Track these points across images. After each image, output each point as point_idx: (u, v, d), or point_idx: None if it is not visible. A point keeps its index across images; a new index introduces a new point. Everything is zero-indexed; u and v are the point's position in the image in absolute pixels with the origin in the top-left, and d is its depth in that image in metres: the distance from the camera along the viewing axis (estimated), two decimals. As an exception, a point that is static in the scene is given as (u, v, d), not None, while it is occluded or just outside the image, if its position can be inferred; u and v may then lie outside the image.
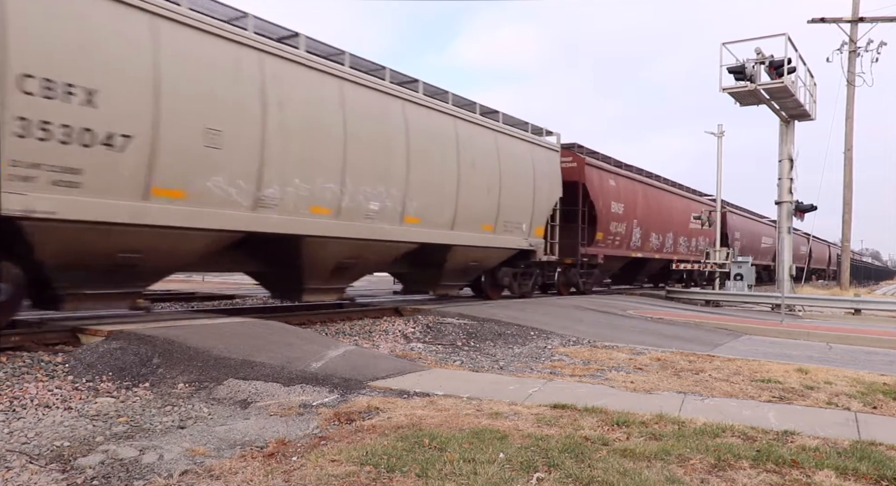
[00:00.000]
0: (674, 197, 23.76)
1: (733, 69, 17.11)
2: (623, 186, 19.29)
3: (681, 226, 23.94)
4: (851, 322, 15.56)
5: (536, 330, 10.27)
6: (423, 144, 11.10)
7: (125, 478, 3.51)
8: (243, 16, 8.28)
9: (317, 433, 4.37)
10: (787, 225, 19.54)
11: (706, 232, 24.76)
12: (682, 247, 24.29)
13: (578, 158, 17.16)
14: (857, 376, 7.07)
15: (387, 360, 7.10)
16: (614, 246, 18.87)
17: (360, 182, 9.80)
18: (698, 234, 25.34)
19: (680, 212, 23.87)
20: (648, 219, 20.87)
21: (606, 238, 18.22)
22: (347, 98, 9.59)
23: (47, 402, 4.98)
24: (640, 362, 7.79)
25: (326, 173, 9.26)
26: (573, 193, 16.71)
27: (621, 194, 18.98)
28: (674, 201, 23.55)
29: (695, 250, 25.24)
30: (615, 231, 18.66)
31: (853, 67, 24.57)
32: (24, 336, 6.67)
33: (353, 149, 9.63)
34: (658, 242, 21.95)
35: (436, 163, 11.47)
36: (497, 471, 3.51)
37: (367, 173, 9.93)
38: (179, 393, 5.46)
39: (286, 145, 8.59)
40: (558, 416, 4.80)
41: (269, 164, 8.35)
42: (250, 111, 8.09)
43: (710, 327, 12.68)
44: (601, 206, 17.62)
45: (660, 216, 21.88)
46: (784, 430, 4.60)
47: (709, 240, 25.20)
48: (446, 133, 11.80)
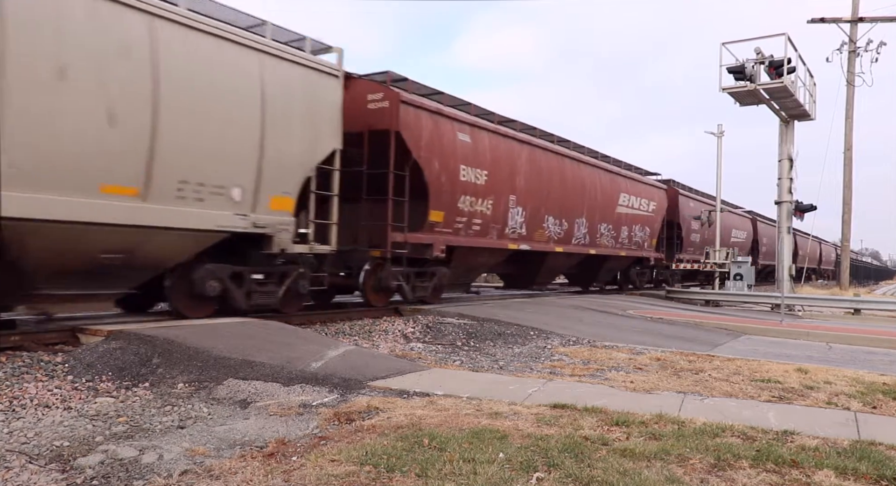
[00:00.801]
0: (594, 171, 17.56)
1: (733, 69, 17.11)
2: (489, 145, 12.98)
3: (604, 210, 17.96)
4: (851, 322, 15.56)
5: (536, 330, 10.27)
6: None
7: (125, 478, 3.51)
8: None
9: (316, 433, 4.37)
10: (786, 225, 19.53)
11: (645, 219, 20.44)
12: (607, 238, 18.41)
13: (391, 95, 10.76)
14: (856, 376, 7.07)
15: (386, 360, 7.10)
16: (470, 233, 12.62)
17: None
18: (634, 221, 19.82)
19: (604, 191, 17.89)
20: (541, 196, 14.77)
21: (452, 220, 12.02)
22: None
23: (47, 402, 4.98)
24: (640, 362, 7.79)
25: None
26: (384, 149, 10.64)
27: (484, 157, 12.77)
28: (594, 177, 17.47)
29: (628, 243, 19.69)
30: (470, 210, 12.43)
31: (853, 67, 24.57)
32: (24, 336, 6.66)
33: None
34: (560, 229, 15.91)
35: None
36: (497, 471, 3.51)
37: None
38: (179, 393, 5.45)
39: None
40: (558, 416, 4.80)
41: None
42: None
43: (710, 327, 12.68)
44: (436, 170, 11.44)
45: (564, 194, 15.85)
46: (784, 430, 4.60)
47: (649, 231, 20.88)
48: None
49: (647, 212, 20.74)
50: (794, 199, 19.50)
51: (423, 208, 11.43)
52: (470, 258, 13.22)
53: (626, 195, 19.29)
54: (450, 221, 12.03)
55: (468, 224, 12.56)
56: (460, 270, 13.19)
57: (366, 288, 11.04)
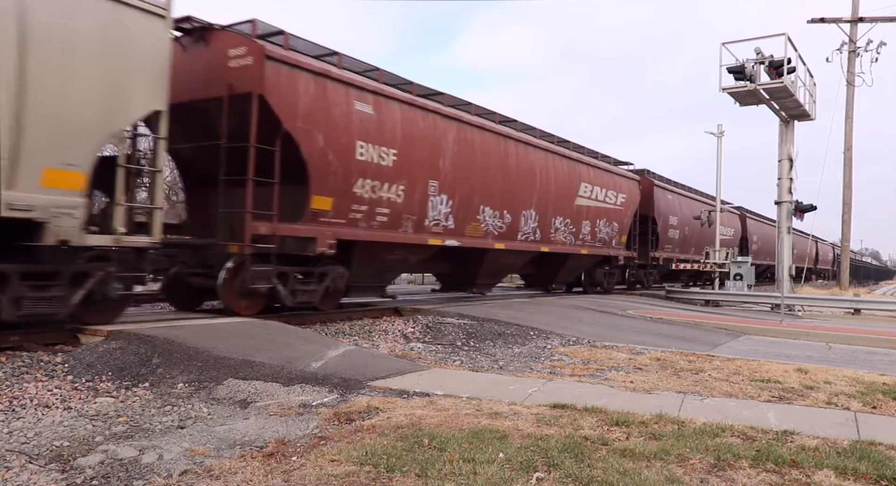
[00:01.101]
0: (547, 157, 15.06)
1: (733, 69, 17.11)
2: (401, 119, 10.65)
3: (560, 201, 15.56)
4: (851, 322, 15.56)
5: (536, 330, 10.27)
6: None
7: (125, 478, 3.51)
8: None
9: (316, 433, 4.37)
10: (786, 225, 19.53)
11: (612, 213, 18.23)
12: (564, 234, 15.98)
13: (255, 49, 8.59)
14: (856, 376, 7.07)
15: (386, 360, 7.10)
16: (374, 225, 10.31)
17: None
18: (599, 215, 17.49)
19: (559, 180, 15.49)
20: (474, 183, 12.50)
21: (345, 209, 9.74)
22: None
23: (47, 402, 4.98)
24: (640, 362, 7.79)
25: None
26: (247, 117, 8.48)
27: (393, 133, 10.43)
28: (547, 163, 15.01)
29: (591, 240, 17.43)
30: (373, 197, 10.17)
31: (853, 67, 24.57)
32: (24, 336, 6.66)
33: None
34: (502, 223, 13.53)
35: None
36: (497, 471, 3.51)
37: None
38: (179, 393, 5.45)
39: None
40: (558, 416, 4.80)
41: None
42: None
43: (710, 327, 12.68)
44: (319, 146, 9.17)
45: (507, 182, 13.47)
46: (783, 430, 4.60)
47: (617, 227, 18.68)
48: None
49: (614, 205, 18.36)
50: (794, 199, 19.51)
51: (302, 194, 9.12)
52: (378, 256, 10.78)
53: (589, 186, 16.93)
54: (342, 209, 9.65)
55: (370, 214, 10.18)
56: (367, 270, 10.75)
57: (226, 292, 8.55)
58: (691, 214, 24.36)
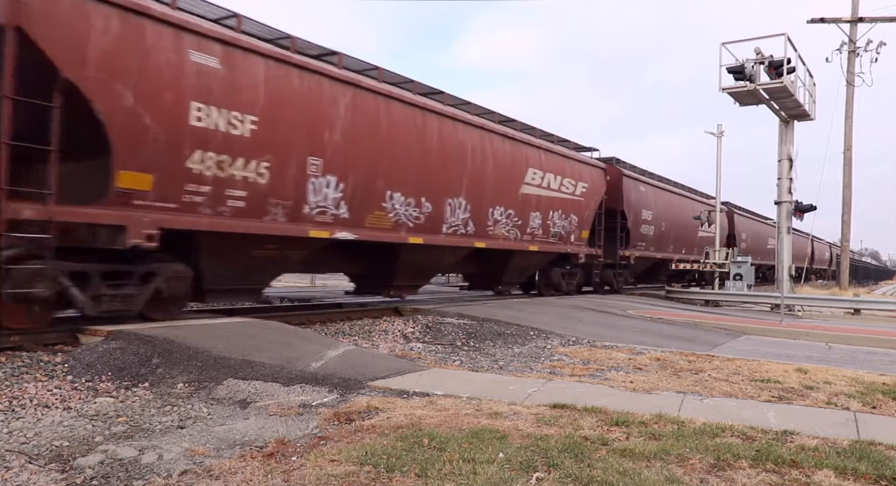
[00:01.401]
0: (484, 136, 12.61)
1: (733, 69, 17.11)
2: (264, 78, 8.36)
3: (500, 188, 13.12)
4: (851, 322, 15.56)
5: (536, 330, 10.27)
6: None
7: (124, 478, 3.51)
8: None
9: (316, 433, 4.37)
10: (786, 225, 19.54)
11: (571, 204, 15.76)
12: (506, 227, 13.48)
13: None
14: (856, 376, 7.07)
15: (386, 360, 7.11)
16: (224, 212, 8.00)
17: None
18: (553, 206, 15.05)
19: (500, 164, 13.05)
20: (376, 163, 10.10)
21: (175, 189, 7.51)
22: None
23: (46, 402, 4.98)
24: (640, 362, 7.79)
25: None
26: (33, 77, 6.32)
27: (251, 94, 8.19)
28: (483, 143, 12.57)
29: (543, 235, 14.84)
30: (219, 175, 7.86)
31: (852, 67, 24.58)
32: (24, 336, 6.66)
33: None
34: (418, 212, 11.09)
35: None
36: (496, 471, 3.51)
37: None
38: (179, 393, 5.45)
39: None
40: (558, 416, 4.80)
41: None
42: None
43: (710, 327, 12.68)
44: (127, 103, 6.98)
45: (426, 163, 11.14)
46: (783, 430, 4.60)
47: (577, 220, 16.12)
48: None
49: (572, 195, 15.86)
50: (793, 199, 19.51)
51: (105, 168, 6.95)
52: (239, 251, 8.57)
53: (539, 172, 14.30)
54: (171, 190, 7.42)
55: (217, 197, 7.86)
56: (225, 269, 8.56)
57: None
58: (669, 208, 22.27)
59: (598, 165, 17.64)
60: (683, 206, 24.01)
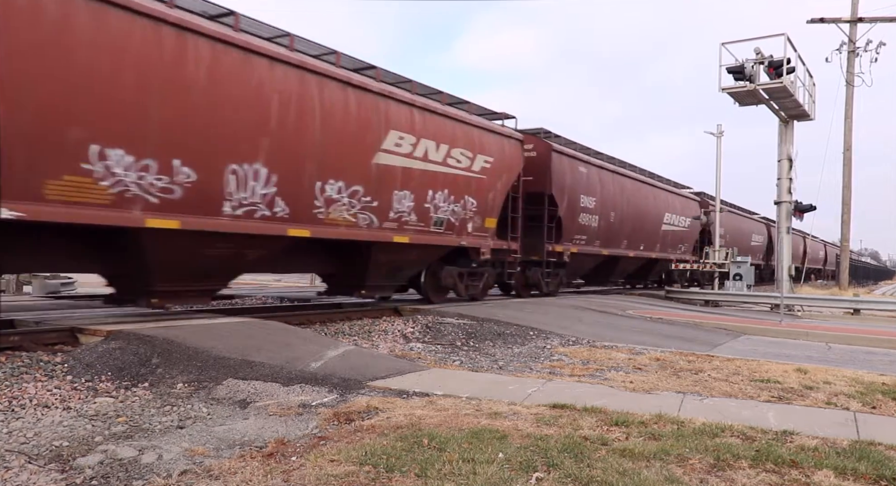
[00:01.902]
0: (310, 82, 8.96)
1: (732, 69, 17.11)
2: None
3: (339, 156, 9.49)
4: (850, 322, 15.57)
5: (536, 330, 10.27)
6: None
7: (124, 478, 3.51)
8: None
9: (316, 433, 4.37)
10: (786, 225, 19.54)
11: (465, 183, 12.01)
12: (349, 208, 9.70)
13: None
14: (856, 376, 7.07)
15: (386, 360, 7.11)
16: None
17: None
18: (433, 184, 11.31)
19: (339, 123, 9.42)
20: (69, 102, 6.48)
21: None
22: None
23: (46, 402, 4.98)
24: (640, 362, 7.79)
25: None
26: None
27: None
28: (306, 93, 8.93)
29: (417, 221, 11.06)
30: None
31: (852, 68, 24.58)
32: (23, 336, 6.66)
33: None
34: (164, 182, 7.31)
35: None
36: (496, 471, 3.51)
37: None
38: (178, 393, 5.45)
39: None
40: (557, 416, 4.80)
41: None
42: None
43: (710, 327, 12.69)
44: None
45: (180, 111, 7.46)
46: (783, 430, 4.61)
47: (476, 204, 12.34)
48: None
49: (468, 171, 12.11)
50: (793, 199, 19.52)
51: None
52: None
53: (408, 137, 10.59)
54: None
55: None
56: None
57: None
58: (622, 196, 18.67)
59: (513, 135, 13.66)
60: (643, 194, 20.28)
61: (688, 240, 24.37)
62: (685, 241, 24.11)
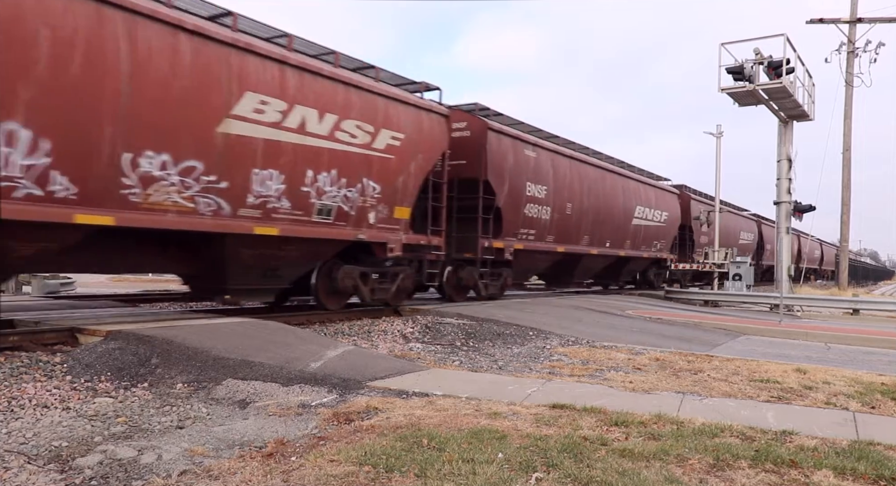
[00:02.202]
0: (105, 16, 6.61)
1: (732, 70, 17.12)
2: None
3: (159, 119, 7.20)
4: (850, 322, 15.57)
5: (535, 330, 10.27)
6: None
7: (123, 478, 3.51)
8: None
9: (315, 433, 4.37)
10: (785, 225, 19.55)
11: (364, 163, 9.87)
12: (178, 190, 7.45)
13: None
14: (855, 376, 7.07)
15: (385, 360, 7.10)
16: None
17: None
18: (316, 162, 9.13)
19: (163, 77, 7.20)
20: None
21: None
22: None
23: (45, 402, 4.97)
24: (639, 363, 7.79)
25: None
26: None
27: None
28: (99, 30, 6.58)
29: (286, 208, 8.80)
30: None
31: (851, 68, 24.60)
32: (23, 336, 6.66)
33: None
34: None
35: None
36: (496, 471, 3.51)
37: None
38: (178, 393, 5.45)
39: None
40: (557, 416, 4.80)
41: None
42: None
43: (709, 328, 12.69)
44: None
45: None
46: (782, 430, 4.61)
47: (381, 190, 10.26)
48: None
49: (367, 148, 9.98)
50: (793, 199, 19.53)
51: None
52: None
53: (277, 102, 8.47)
54: None
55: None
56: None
57: None
58: (582, 186, 16.33)
59: (434, 108, 11.46)
60: (609, 184, 17.81)
61: (665, 236, 21.60)
62: (661, 237, 21.35)
